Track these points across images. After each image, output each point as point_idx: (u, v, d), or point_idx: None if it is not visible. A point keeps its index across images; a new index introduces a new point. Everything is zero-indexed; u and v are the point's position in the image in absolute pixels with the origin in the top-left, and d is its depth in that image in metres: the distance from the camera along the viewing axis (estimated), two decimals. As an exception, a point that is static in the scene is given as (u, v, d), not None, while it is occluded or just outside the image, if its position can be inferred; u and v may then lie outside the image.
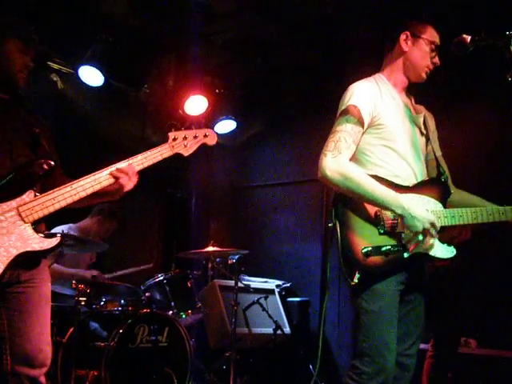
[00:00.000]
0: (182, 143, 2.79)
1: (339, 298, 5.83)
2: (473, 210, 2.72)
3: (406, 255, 2.56)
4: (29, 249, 2.45)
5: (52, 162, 2.58)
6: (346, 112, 2.65)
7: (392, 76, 2.85)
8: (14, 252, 2.41)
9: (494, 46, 2.44)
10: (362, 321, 2.58)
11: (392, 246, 2.53)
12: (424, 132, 2.89)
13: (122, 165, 2.65)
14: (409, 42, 2.81)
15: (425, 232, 2.50)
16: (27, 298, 2.57)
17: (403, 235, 2.58)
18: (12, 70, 2.67)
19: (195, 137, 2.84)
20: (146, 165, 2.69)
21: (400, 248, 2.54)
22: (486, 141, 5.12)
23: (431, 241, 2.57)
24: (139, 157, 2.70)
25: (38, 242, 2.47)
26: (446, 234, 2.66)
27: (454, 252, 2.64)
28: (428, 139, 2.91)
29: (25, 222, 2.45)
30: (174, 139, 2.78)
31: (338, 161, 2.55)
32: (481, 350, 4.73)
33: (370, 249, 2.51)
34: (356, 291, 2.61)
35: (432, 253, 2.61)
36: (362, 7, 5.05)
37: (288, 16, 5.45)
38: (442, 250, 2.63)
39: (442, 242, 2.63)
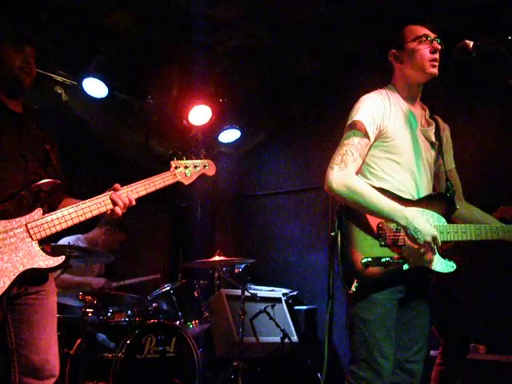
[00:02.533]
0: (184, 172, 2.94)
1: (348, 305, 5.80)
2: (476, 227, 2.71)
3: (405, 267, 2.57)
4: (35, 266, 2.48)
5: (60, 182, 2.64)
6: (353, 126, 2.69)
7: (401, 89, 2.85)
8: (21, 268, 2.44)
9: (496, 50, 2.44)
10: (359, 329, 2.61)
11: (392, 257, 2.56)
12: (436, 143, 2.88)
13: (121, 191, 2.70)
14: (399, 57, 2.81)
15: (426, 245, 2.52)
16: (34, 309, 2.59)
17: (404, 248, 2.60)
18: (12, 70, 2.68)
19: (195, 166, 2.99)
20: (149, 191, 2.78)
21: (400, 260, 2.56)
22: (487, 145, 5.12)
23: (432, 255, 2.58)
24: (143, 182, 2.77)
25: (44, 260, 2.51)
26: (448, 249, 2.66)
27: (454, 267, 2.64)
28: (439, 152, 2.91)
29: (32, 240, 2.49)
30: (176, 167, 2.91)
31: (344, 174, 2.60)
32: (490, 356, 4.71)
33: (369, 259, 2.55)
34: (353, 300, 2.64)
35: (432, 267, 2.62)
36: (363, 16, 5.06)
37: (290, 25, 5.47)
38: (442, 265, 2.63)
39: (443, 257, 2.63)
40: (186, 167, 2.93)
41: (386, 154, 2.73)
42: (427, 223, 2.57)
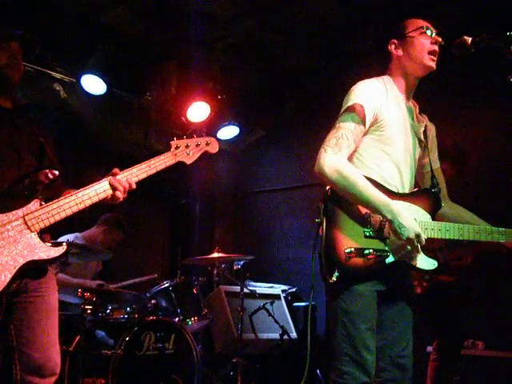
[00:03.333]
0: (185, 151, 2.82)
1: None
2: (460, 227, 2.69)
3: (388, 261, 2.54)
4: (36, 257, 2.45)
5: (57, 172, 2.61)
6: (351, 109, 2.64)
7: (398, 80, 2.83)
8: (21, 261, 2.42)
9: (494, 47, 2.44)
10: (341, 321, 2.56)
11: (375, 250, 2.50)
12: (423, 142, 2.87)
13: (120, 175, 2.66)
14: (399, 46, 2.80)
15: (409, 242, 2.49)
16: (35, 307, 2.58)
17: (388, 241, 2.58)
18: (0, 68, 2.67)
19: (197, 145, 2.86)
20: (149, 173, 2.71)
21: (383, 254, 2.52)
22: (487, 142, 5.12)
23: (415, 251, 2.56)
24: (143, 165, 2.71)
25: (45, 251, 2.48)
26: (430, 246, 2.64)
27: (436, 265, 2.61)
28: (426, 150, 2.90)
29: (31, 231, 2.47)
30: (177, 147, 2.80)
31: (337, 158, 2.55)
32: (488, 352, 4.71)
33: (352, 249, 2.48)
34: (334, 291, 2.61)
35: (414, 263, 2.60)
36: (364, 12, 5.06)
37: (289, 21, 5.47)
38: (423, 262, 2.61)
39: (426, 254, 2.61)
40: (187, 146, 2.82)
41: (377, 143, 2.70)
42: (413, 220, 2.54)
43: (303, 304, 6.22)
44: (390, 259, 2.55)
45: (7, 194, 2.49)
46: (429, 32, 2.76)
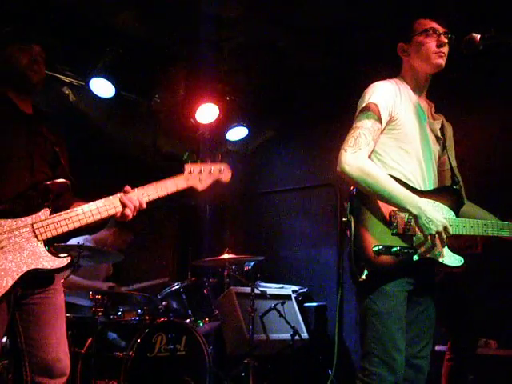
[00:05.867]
0: (198, 177, 2.82)
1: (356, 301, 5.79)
2: (484, 223, 2.74)
3: (415, 258, 2.55)
4: (39, 266, 2.46)
5: (69, 183, 2.63)
6: (366, 109, 2.66)
7: (409, 81, 2.85)
8: (25, 268, 2.43)
9: (503, 43, 2.43)
10: (371, 322, 2.57)
11: (402, 247, 2.52)
12: (441, 139, 2.88)
13: (132, 194, 2.66)
14: (407, 50, 2.82)
15: (437, 235, 2.50)
16: (42, 308, 2.59)
17: (415, 238, 2.58)
18: (20, 68, 2.70)
19: (210, 172, 2.86)
20: (160, 195, 2.71)
21: (410, 251, 2.53)
22: (496, 139, 5.09)
23: (441, 246, 2.56)
24: (154, 186, 2.71)
25: (49, 261, 2.49)
26: (455, 243, 2.65)
27: (462, 261, 2.64)
28: (444, 147, 2.90)
29: (38, 240, 2.47)
30: (190, 172, 2.80)
31: (357, 156, 2.56)
32: (501, 351, 4.68)
33: (381, 247, 2.50)
34: (364, 292, 2.61)
35: (441, 260, 2.61)
36: (375, 12, 5.04)
37: (298, 21, 5.46)
38: (450, 258, 2.63)
39: (452, 251, 2.62)
40: (200, 172, 2.82)
41: (396, 141, 2.71)
42: (439, 213, 2.56)
43: (314, 304, 6.21)
44: (417, 256, 2.55)
45: (18, 200, 2.49)
46: (436, 34, 2.76)
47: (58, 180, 2.61)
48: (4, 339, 3.27)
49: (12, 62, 2.70)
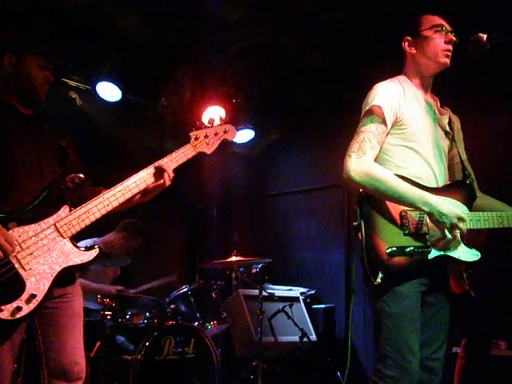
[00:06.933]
0: (204, 141, 2.84)
1: (365, 303, 5.78)
2: (498, 215, 2.70)
3: (430, 257, 2.52)
4: (71, 263, 2.49)
5: (82, 175, 2.64)
6: (370, 112, 2.65)
7: (413, 77, 2.83)
8: (58, 268, 2.46)
9: (510, 43, 2.42)
10: (385, 324, 2.55)
11: (416, 247, 2.50)
12: (450, 133, 2.86)
13: (160, 162, 2.68)
14: (413, 44, 2.80)
15: (453, 227, 2.46)
16: (61, 312, 2.61)
17: (427, 237, 2.56)
18: (33, 85, 2.71)
19: (216, 134, 2.88)
20: (172, 167, 2.72)
21: (424, 250, 2.51)
22: (503, 139, 5.08)
23: (456, 242, 2.53)
24: (165, 160, 2.72)
25: (79, 256, 2.52)
26: (467, 238, 2.63)
27: (479, 256, 2.61)
28: (453, 141, 2.88)
29: (63, 238, 2.49)
30: (196, 138, 2.83)
31: (362, 161, 2.54)
32: (511, 352, 4.66)
33: (394, 249, 2.48)
34: (377, 294, 2.58)
35: (456, 255, 2.58)
36: (375, 12, 5.03)
37: (300, 23, 5.46)
38: (466, 254, 2.60)
39: (467, 246, 2.60)
40: (206, 136, 2.84)
41: (403, 141, 2.69)
42: (451, 205, 2.54)
43: (322, 306, 6.21)
44: (432, 254, 2.53)
45: (36, 204, 2.50)
46: (444, 30, 2.74)
47: (70, 175, 2.62)
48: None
49: (26, 75, 2.70)
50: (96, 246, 2.58)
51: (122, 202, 2.62)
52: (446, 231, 2.47)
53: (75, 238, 2.55)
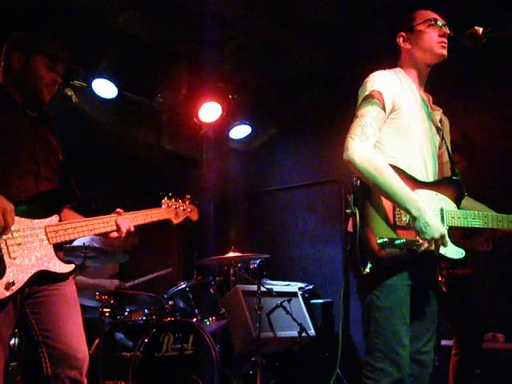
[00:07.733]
0: (174, 212, 3.17)
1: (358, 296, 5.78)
2: (484, 215, 2.73)
3: (419, 250, 2.51)
4: (50, 268, 2.54)
5: (78, 194, 2.75)
6: (370, 96, 2.61)
7: (409, 70, 2.82)
8: (36, 268, 2.50)
9: (506, 37, 2.42)
10: (374, 317, 2.55)
11: (407, 239, 2.48)
12: (441, 129, 2.86)
13: (125, 216, 2.83)
14: (408, 39, 2.80)
15: (432, 240, 2.45)
16: (52, 300, 2.62)
17: None
18: (39, 85, 2.72)
19: (183, 209, 3.23)
20: (146, 221, 2.96)
21: (415, 243, 2.49)
22: (502, 134, 5.08)
23: (429, 248, 2.52)
24: (142, 212, 2.96)
25: (57, 265, 2.57)
26: (457, 234, 2.64)
27: (464, 254, 2.63)
28: (443, 139, 2.88)
29: (49, 243, 2.55)
30: (168, 206, 3.15)
31: (366, 147, 2.50)
32: (509, 345, 4.67)
33: (385, 240, 2.45)
34: (367, 287, 2.58)
35: (443, 252, 2.58)
36: (375, 8, 5.02)
37: (299, 19, 5.44)
38: (452, 251, 2.61)
39: (453, 243, 2.59)
40: (176, 207, 3.17)
41: (397, 131, 2.66)
42: (438, 220, 2.53)
43: (321, 301, 6.22)
44: (422, 248, 2.51)
45: (35, 202, 2.56)
46: (437, 24, 2.74)
47: (69, 190, 2.74)
48: (12, 341, 3.29)
49: (33, 75, 2.71)
50: (72, 264, 2.66)
51: (101, 233, 2.79)
52: (422, 237, 2.45)
53: (58, 248, 2.61)
